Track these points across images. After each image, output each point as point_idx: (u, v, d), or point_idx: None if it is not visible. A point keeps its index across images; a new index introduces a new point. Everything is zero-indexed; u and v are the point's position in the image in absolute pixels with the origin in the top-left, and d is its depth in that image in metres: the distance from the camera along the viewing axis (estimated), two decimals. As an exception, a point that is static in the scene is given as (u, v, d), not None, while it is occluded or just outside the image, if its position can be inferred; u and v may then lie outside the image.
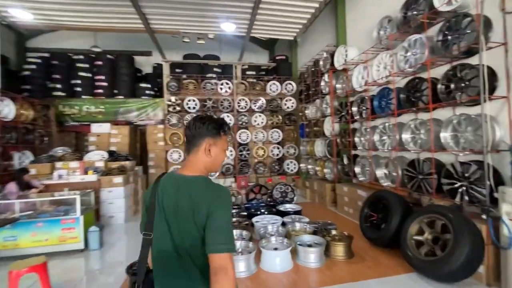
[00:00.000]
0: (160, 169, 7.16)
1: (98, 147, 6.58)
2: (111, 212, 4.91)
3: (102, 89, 7.50)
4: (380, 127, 4.02)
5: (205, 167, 1.19)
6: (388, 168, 4.01)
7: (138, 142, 8.03)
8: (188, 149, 1.19)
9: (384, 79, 3.90)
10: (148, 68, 9.60)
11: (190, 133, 1.18)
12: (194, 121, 1.19)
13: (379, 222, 3.52)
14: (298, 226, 3.73)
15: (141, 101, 7.40)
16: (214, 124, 1.19)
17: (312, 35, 7.22)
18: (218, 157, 1.20)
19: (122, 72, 7.72)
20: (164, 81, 7.28)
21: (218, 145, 1.19)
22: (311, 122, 6.73)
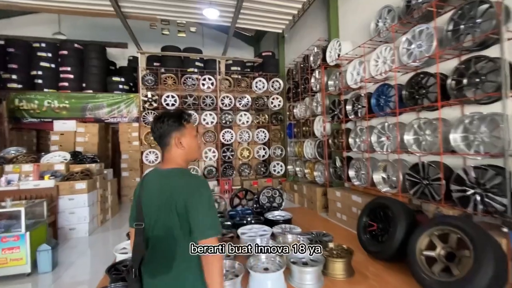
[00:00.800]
0: (134, 171, 6.48)
1: (62, 148, 5.80)
2: (72, 223, 4.22)
3: (67, 82, 6.67)
4: (378, 127, 3.68)
5: (183, 159, 1.27)
6: (386, 172, 3.68)
7: (110, 142, 7.26)
8: (162, 149, 1.28)
9: (383, 75, 3.56)
10: (123, 62, 8.82)
11: (155, 135, 1.26)
12: (154, 123, 1.26)
13: (380, 232, 3.16)
14: (291, 238, 3.28)
15: (113, 96, 6.66)
16: (173, 118, 1.24)
17: (300, 30, 6.85)
18: (192, 144, 1.28)
19: (91, 63, 6.92)
20: (139, 74, 6.59)
21: (186, 135, 1.26)
22: (299, 121, 6.34)
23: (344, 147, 4.39)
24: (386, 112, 3.57)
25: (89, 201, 4.31)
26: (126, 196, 6.49)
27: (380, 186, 3.64)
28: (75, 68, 6.80)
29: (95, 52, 7.03)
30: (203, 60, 7.59)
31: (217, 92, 6.98)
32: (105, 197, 5.02)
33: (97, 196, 4.69)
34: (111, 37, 8.80)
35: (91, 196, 4.42)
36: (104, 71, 7.19)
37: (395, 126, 3.45)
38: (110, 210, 5.19)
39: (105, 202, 4.97)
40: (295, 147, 6.55)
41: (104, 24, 8.77)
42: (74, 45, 6.87)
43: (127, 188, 6.46)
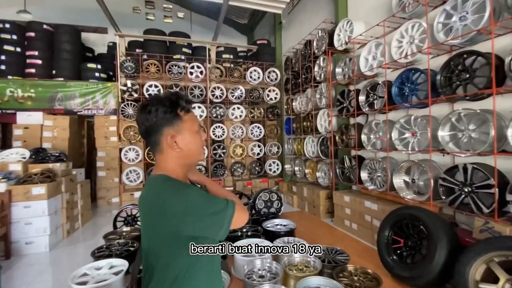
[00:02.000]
0: (112, 171, 5.69)
1: (26, 144, 4.96)
2: (29, 236, 3.44)
3: (34, 68, 5.78)
4: (401, 121, 3.07)
5: (178, 164, 0.94)
6: (410, 174, 3.08)
7: (85, 138, 6.43)
8: (152, 150, 0.96)
9: (409, 58, 2.93)
10: (102, 49, 7.94)
11: (141, 130, 0.93)
12: (139, 113, 0.92)
13: (407, 251, 2.56)
14: (298, 258, 2.64)
15: (87, 85, 5.81)
16: (164, 106, 0.89)
17: (300, 14, 6.17)
18: (192, 144, 0.94)
19: (63, 47, 6.04)
20: (117, 60, 5.77)
21: (184, 130, 0.92)
22: (299, 116, 5.70)
23: (355, 144, 3.77)
24: (412, 103, 2.95)
25: (50, 209, 3.54)
26: (102, 199, 5.70)
27: (404, 193, 3.04)
28: (44, 52, 5.90)
29: (68, 35, 6.14)
30: (191, 47, 6.82)
31: (207, 82, 6.24)
32: (73, 203, 4.24)
33: (62, 202, 3.92)
34: (89, 21, 7.89)
35: (53, 202, 3.65)
36: (78, 57, 6.32)
37: (424, 119, 2.84)
38: (80, 218, 4.42)
39: (73, 208, 4.19)
40: (294, 144, 5.91)
41: (80, 7, 7.85)
42: (43, 26, 5.97)
43: (104, 189, 5.68)
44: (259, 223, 3.79)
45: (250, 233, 3.42)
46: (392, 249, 2.65)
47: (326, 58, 4.50)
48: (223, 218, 0.85)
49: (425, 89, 2.84)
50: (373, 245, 3.43)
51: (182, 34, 6.68)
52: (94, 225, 4.66)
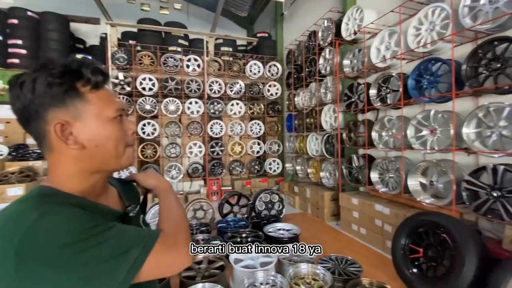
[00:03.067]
0: (102, 169, 5.34)
1: (8, 139, 4.60)
2: (5, 241, 3.10)
3: (18, 58, 5.40)
4: (418, 117, 2.78)
5: (82, 170, 0.61)
6: (427, 176, 2.80)
7: (75, 133, 6.06)
8: (39, 148, 0.62)
9: (428, 47, 2.64)
10: (95, 40, 7.54)
11: (16, 113, 0.58)
12: (10, 88, 0.57)
13: (428, 262, 2.28)
14: (305, 269, 2.35)
15: (76, 77, 5.43)
16: (49, 75, 0.55)
17: (304, 5, 5.85)
18: (102, 139, 0.60)
19: (50, 37, 5.66)
20: (108, 51, 5.41)
21: (87, 116, 0.59)
22: (302, 112, 5.39)
23: (365, 143, 3.48)
24: (432, 96, 2.66)
25: (29, 211, 3.20)
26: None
27: (421, 197, 2.75)
28: (29, 41, 5.51)
29: (55, 23, 5.75)
30: (188, 38, 6.47)
31: (205, 76, 5.91)
32: (58, 204, 3.90)
33: (45, 203, 3.58)
34: (80, 10, 7.48)
35: (34, 204, 3.31)
36: (67, 48, 5.94)
37: (445, 115, 2.55)
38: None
39: (57, 210, 3.86)
40: (295, 142, 5.62)
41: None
42: (27, 13, 5.57)
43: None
44: (260, 228, 3.50)
45: (250, 239, 3.13)
46: (410, 260, 2.38)
47: (332, 49, 4.20)
48: (114, 269, 0.51)
49: (447, 81, 2.55)
50: (383, 251, 3.16)
51: (179, 24, 6.32)
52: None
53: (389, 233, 3.07)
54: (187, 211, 3.90)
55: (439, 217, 2.23)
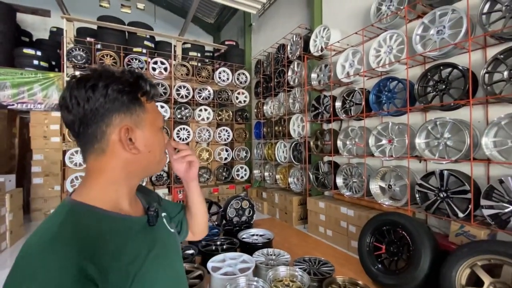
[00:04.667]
0: (52, 177, 4.81)
1: None
2: None
3: None
4: (378, 128, 3.13)
5: (127, 174, 0.63)
6: (385, 180, 3.14)
7: (17, 137, 5.35)
8: (84, 150, 0.61)
9: (387, 67, 3.02)
10: (44, 34, 6.81)
11: (72, 117, 0.57)
12: (75, 89, 0.56)
13: (390, 257, 2.56)
14: (284, 271, 2.44)
15: (22, 73, 4.83)
16: (120, 84, 0.58)
17: (272, 18, 6.13)
18: (154, 145, 0.65)
19: (-10, 27, 4.96)
20: (64, 47, 4.94)
21: (145, 124, 0.63)
22: (270, 120, 5.58)
23: (331, 150, 3.76)
24: (389, 110, 3.03)
25: (-36, 228, 2.73)
26: (38, 211, 4.75)
27: (382, 199, 3.08)
28: (-38, 30, 4.76)
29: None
30: (154, 40, 6.24)
31: (172, 79, 5.75)
32: (0, 217, 3.39)
33: (-17, 218, 3.09)
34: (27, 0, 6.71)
35: (-30, 218, 2.84)
36: (11, 40, 5.25)
37: (400, 127, 2.93)
38: (8, 235, 3.56)
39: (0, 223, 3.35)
40: (264, 149, 5.77)
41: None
42: (-39, -2, 4.82)
43: (40, 200, 4.74)
44: (233, 234, 3.51)
45: (226, 247, 3.12)
46: (375, 257, 2.63)
47: (301, 63, 4.48)
48: None
49: (402, 97, 2.94)
50: (349, 251, 3.42)
51: (144, 25, 6.07)
52: (26, 243, 3.79)
53: (354, 233, 3.34)
54: (156, 220, 3.71)
55: (398, 216, 2.53)
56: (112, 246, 0.56)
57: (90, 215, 0.58)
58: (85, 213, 0.58)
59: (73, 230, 0.53)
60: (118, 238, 0.58)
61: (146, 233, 0.67)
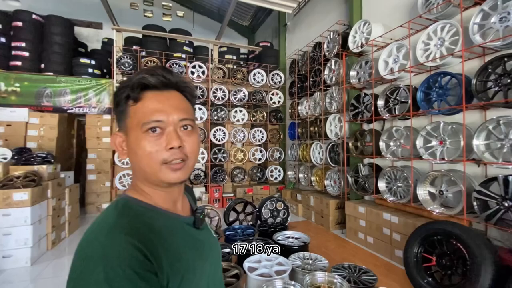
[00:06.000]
0: (103, 174, 5.27)
1: (8, 142, 4.51)
2: (8, 249, 3.00)
3: (20, 61, 5.33)
4: (427, 128, 2.86)
5: (136, 175, 0.65)
6: (436, 186, 2.86)
7: (75, 138, 5.97)
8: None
9: (438, 61, 2.75)
10: (96, 45, 7.53)
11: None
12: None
13: (441, 270, 2.32)
14: (321, 278, 2.36)
15: (79, 81, 5.40)
16: (115, 93, 0.64)
17: (308, 17, 6.01)
18: (134, 150, 0.61)
19: (54, 40, 5.61)
20: (114, 56, 5.40)
21: (128, 129, 0.62)
22: (305, 120, 5.47)
23: (373, 152, 3.54)
24: (441, 108, 2.76)
25: (33, 217, 3.12)
26: (92, 204, 5.25)
27: (432, 206, 2.81)
28: (32, 44, 5.46)
29: (60, 26, 5.72)
30: (192, 45, 6.52)
31: (209, 83, 5.95)
32: (60, 209, 3.81)
33: (48, 209, 3.49)
34: (82, 15, 7.48)
35: (38, 209, 3.23)
36: (70, 51, 5.90)
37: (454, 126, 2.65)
38: (67, 226, 3.99)
39: (59, 216, 3.76)
40: (298, 150, 5.66)
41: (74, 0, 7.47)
42: (32, 16, 5.54)
43: (94, 194, 5.23)
44: (268, 235, 3.49)
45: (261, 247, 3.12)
46: (424, 269, 2.41)
47: (339, 60, 4.31)
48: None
49: (456, 94, 2.66)
50: (392, 260, 3.19)
51: (184, 31, 6.38)
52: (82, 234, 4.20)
53: (398, 242, 3.11)
54: (194, 218, 3.86)
55: (452, 226, 2.28)
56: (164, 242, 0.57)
57: (141, 209, 0.61)
58: (136, 208, 0.61)
59: (129, 221, 0.56)
60: (169, 235, 0.60)
61: (193, 235, 0.67)
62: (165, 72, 0.63)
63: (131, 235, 0.52)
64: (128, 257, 0.49)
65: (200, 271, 0.63)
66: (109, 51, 6.26)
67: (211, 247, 0.72)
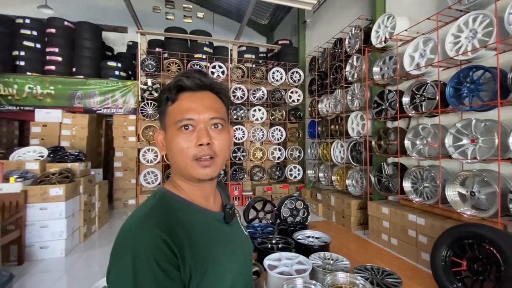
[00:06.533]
0: (129, 172, 5.52)
1: (44, 142, 4.85)
2: (44, 240, 3.25)
3: (54, 65, 5.70)
4: (457, 125, 2.71)
5: (173, 171, 0.71)
6: (467, 186, 2.71)
7: (103, 137, 6.30)
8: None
9: (469, 54, 2.59)
10: (122, 48, 7.88)
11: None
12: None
13: (472, 275, 2.20)
14: (343, 278, 2.32)
15: (107, 83, 5.68)
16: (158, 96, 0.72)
17: (328, 12, 5.89)
18: (171, 146, 0.66)
19: (84, 45, 5.95)
20: (138, 58, 5.62)
21: (167, 126, 0.68)
22: (326, 118, 5.38)
23: (397, 151, 3.42)
24: (472, 105, 2.60)
25: (67, 211, 3.35)
26: (119, 200, 5.52)
27: (462, 208, 2.67)
28: (64, 49, 5.82)
29: (89, 32, 6.06)
30: (212, 46, 6.63)
31: (228, 82, 6.02)
32: (91, 205, 4.05)
33: (80, 204, 3.73)
34: (109, 20, 7.85)
35: (71, 204, 3.46)
36: (99, 55, 6.22)
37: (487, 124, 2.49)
38: (97, 220, 4.23)
39: (90, 210, 4.00)
40: (318, 149, 5.59)
41: (101, 5, 7.85)
42: (64, 23, 5.90)
43: (121, 191, 5.50)
44: (288, 234, 3.48)
45: (281, 246, 3.12)
46: (453, 273, 2.30)
47: (361, 56, 4.19)
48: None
49: (490, 89, 2.49)
50: (418, 263, 3.07)
51: (204, 32, 6.50)
52: (110, 228, 4.45)
53: (425, 244, 2.98)
54: (214, 215, 3.94)
55: (485, 229, 2.15)
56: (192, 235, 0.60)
57: (174, 202, 0.65)
58: (170, 201, 0.66)
59: (161, 212, 0.61)
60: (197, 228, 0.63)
61: (223, 230, 0.70)
62: (200, 75, 0.68)
63: (160, 227, 0.56)
64: (154, 248, 0.53)
65: (225, 266, 0.64)
66: (134, 53, 6.53)
67: (241, 243, 0.74)
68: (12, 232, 2.92)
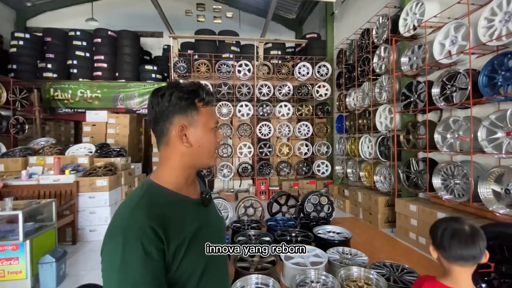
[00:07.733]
0: (164, 167, 5.98)
1: (94, 139, 5.52)
2: (93, 224, 3.76)
3: (101, 71, 6.41)
4: (491, 117, 2.50)
5: (184, 164, 0.79)
6: (502, 184, 2.49)
7: (143, 135, 6.91)
8: (157, 142, 0.82)
9: (504, 39, 2.36)
10: (158, 52, 8.49)
11: (150, 116, 0.79)
12: (151, 97, 0.79)
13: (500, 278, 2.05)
14: (357, 272, 2.33)
15: (144, 85, 6.22)
16: (181, 92, 0.76)
17: (356, 2, 5.66)
18: (203, 141, 0.79)
19: (124, 51, 6.58)
20: (171, 60, 6.04)
21: (197, 124, 0.78)
22: (353, 113, 5.23)
23: (426, 145, 3.23)
24: (508, 94, 2.37)
25: (110, 200, 3.82)
26: (156, 192, 6.04)
27: (495, 206, 2.47)
28: (109, 56, 6.50)
29: (128, 39, 6.67)
30: (239, 45, 6.81)
31: (254, 79, 6.15)
32: (131, 195, 4.53)
33: (122, 194, 4.20)
34: (146, 26, 8.50)
35: (114, 194, 3.93)
36: (137, 60, 6.82)
37: (527, 115, 2.26)
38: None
39: (130, 200, 4.48)
40: (346, 144, 5.46)
41: (139, 14, 8.52)
42: (108, 33, 6.57)
43: (157, 184, 6.01)
44: (309, 229, 3.53)
45: (300, 239, 3.20)
46: (479, 275, 2.16)
47: (388, 47, 4.00)
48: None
49: (529, 76, 2.25)
50: (447, 264, 2.90)
51: (231, 32, 6.71)
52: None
53: (454, 244, 2.80)
54: (238, 207, 4.14)
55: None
56: (175, 218, 0.74)
57: (160, 192, 0.78)
58: (156, 191, 0.78)
59: (148, 201, 0.74)
60: (179, 212, 0.77)
61: (200, 212, 0.84)
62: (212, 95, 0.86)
63: (148, 215, 0.69)
64: (141, 232, 0.65)
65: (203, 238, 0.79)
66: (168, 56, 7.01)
67: (217, 221, 0.91)
68: (67, 216, 3.44)
